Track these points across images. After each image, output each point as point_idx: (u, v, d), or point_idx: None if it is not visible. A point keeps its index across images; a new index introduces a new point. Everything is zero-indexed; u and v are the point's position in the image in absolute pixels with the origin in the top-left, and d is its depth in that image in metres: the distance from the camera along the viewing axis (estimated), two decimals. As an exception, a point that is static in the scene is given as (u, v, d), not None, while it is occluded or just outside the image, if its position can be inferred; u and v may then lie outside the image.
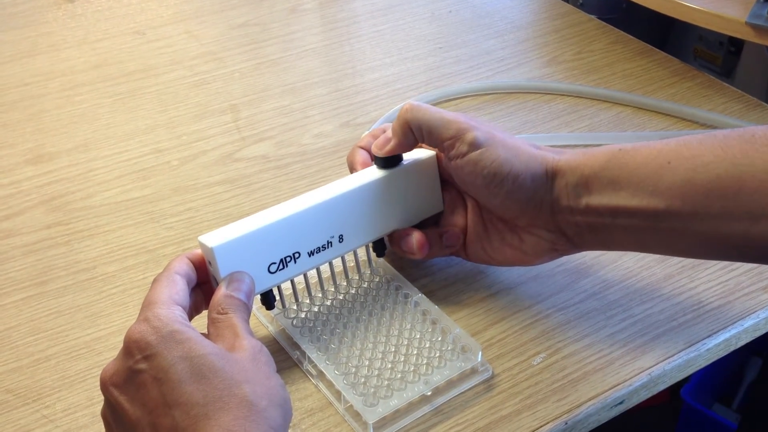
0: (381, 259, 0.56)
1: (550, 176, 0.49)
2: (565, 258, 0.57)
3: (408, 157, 0.53)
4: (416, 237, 0.52)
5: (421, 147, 0.55)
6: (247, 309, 0.45)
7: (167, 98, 0.78)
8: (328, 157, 0.69)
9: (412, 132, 0.51)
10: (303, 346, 0.50)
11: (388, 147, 0.52)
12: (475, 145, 0.49)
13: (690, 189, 0.44)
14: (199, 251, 0.48)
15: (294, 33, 0.89)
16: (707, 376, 1.20)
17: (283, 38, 0.88)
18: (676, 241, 0.46)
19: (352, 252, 0.53)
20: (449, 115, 0.50)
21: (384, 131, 0.53)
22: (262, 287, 0.48)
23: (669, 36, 1.45)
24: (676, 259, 0.57)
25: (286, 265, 0.49)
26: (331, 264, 0.53)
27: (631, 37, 0.86)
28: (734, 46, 1.36)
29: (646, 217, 0.46)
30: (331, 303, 0.53)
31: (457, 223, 0.54)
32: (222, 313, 0.43)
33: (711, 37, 1.39)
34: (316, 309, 0.52)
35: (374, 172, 0.52)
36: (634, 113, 0.73)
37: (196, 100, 0.78)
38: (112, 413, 0.41)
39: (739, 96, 0.75)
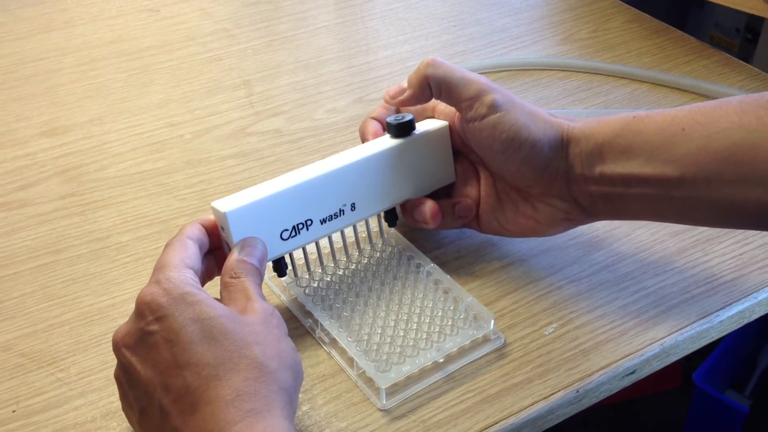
0: (393, 231, 0.56)
1: (564, 144, 0.48)
2: (577, 231, 0.57)
3: (420, 127, 0.53)
4: (429, 206, 0.52)
5: (432, 117, 0.55)
6: (260, 274, 0.45)
7: (181, 74, 0.78)
8: (340, 132, 0.69)
9: (430, 87, 0.50)
10: (315, 314, 0.50)
11: (403, 97, 0.51)
12: (494, 108, 0.48)
13: (704, 156, 0.44)
14: (211, 217, 0.48)
15: (307, 11, 0.89)
16: (720, 362, 1.20)
17: (296, 16, 0.88)
18: (690, 209, 0.46)
19: (364, 222, 0.53)
20: (470, 75, 0.49)
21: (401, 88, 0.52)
22: (274, 254, 0.48)
23: (685, 23, 1.44)
24: (689, 233, 0.56)
25: (299, 233, 0.49)
26: (343, 234, 0.53)
27: (647, 15, 0.85)
28: (751, 33, 1.35)
29: (660, 185, 0.46)
30: (343, 272, 0.53)
31: (469, 194, 0.54)
32: (234, 278, 0.43)
33: (727, 24, 1.38)
34: (328, 278, 0.53)
35: (387, 141, 0.52)
36: (650, 90, 0.72)
37: (209, 75, 0.78)
38: (124, 374, 0.41)
39: (756, 74, 0.74)
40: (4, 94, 0.75)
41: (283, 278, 0.52)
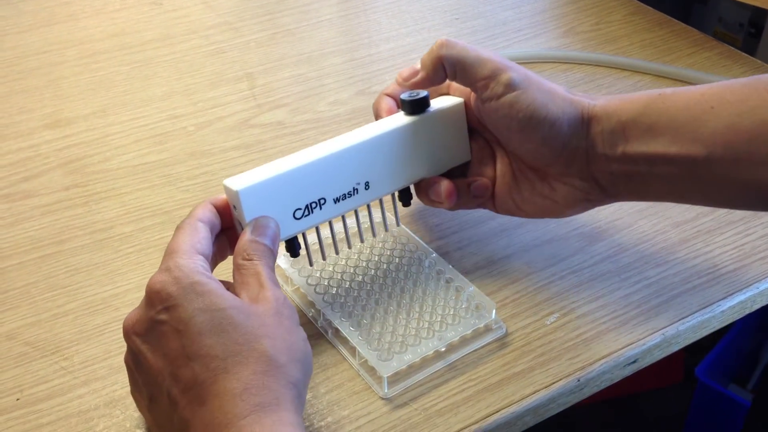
0: (400, 206, 0.55)
1: (585, 122, 0.47)
2: (579, 222, 0.57)
3: (435, 104, 0.52)
4: (444, 185, 0.51)
5: (447, 94, 0.54)
6: (273, 255, 0.44)
7: (184, 66, 0.78)
8: (343, 124, 0.69)
9: (444, 68, 0.49)
10: (318, 304, 0.50)
11: (416, 79, 0.50)
12: (511, 87, 0.47)
13: (733, 135, 0.43)
14: (223, 196, 0.46)
15: (310, 4, 0.89)
16: (723, 357, 1.20)
17: (299, 9, 0.88)
18: (715, 189, 0.45)
19: (368, 213, 0.53)
20: (485, 54, 0.48)
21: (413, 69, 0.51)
22: (287, 233, 0.47)
23: (688, 18, 1.44)
24: (691, 224, 0.56)
25: (312, 211, 0.48)
26: (358, 220, 0.52)
27: (650, 8, 0.85)
28: (754, 27, 1.34)
29: (685, 165, 0.44)
30: (346, 263, 0.53)
31: (485, 173, 0.52)
32: (247, 259, 0.43)
33: (731, 19, 1.38)
34: (330, 269, 0.53)
35: (401, 119, 0.51)
36: (653, 82, 0.72)
37: (212, 68, 0.78)
38: (134, 360, 0.41)
39: (759, 66, 0.74)
40: (8, 87, 0.76)
41: (285, 269, 0.53)
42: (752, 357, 1.29)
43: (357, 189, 0.49)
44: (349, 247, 0.53)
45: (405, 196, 0.53)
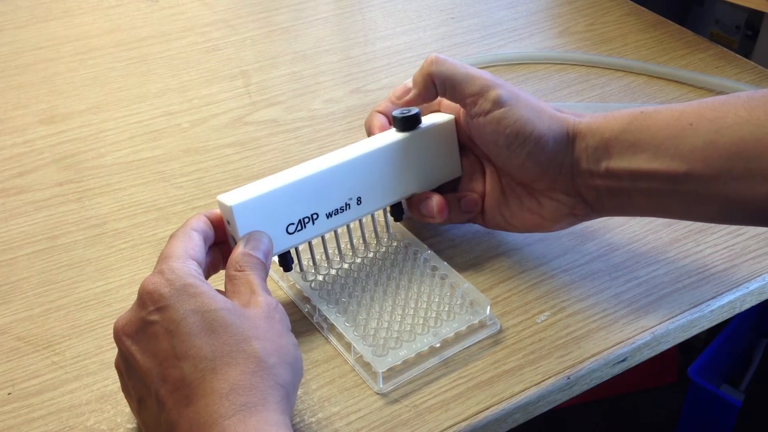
0: (391, 219, 0.56)
1: (570, 139, 0.48)
2: (572, 221, 0.57)
3: (426, 120, 0.53)
4: (436, 200, 0.52)
5: (438, 111, 0.55)
6: (265, 268, 0.45)
7: (179, 63, 0.78)
8: (337, 122, 0.69)
9: (434, 85, 0.50)
10: (313, 300, 0.50)
11: (408, 97, 0.51)
12: (498, 104, 0.48)
13: (712, 151, 0.43)
14: (217, 211, 0.47)
15: (305, 2, 0.89)
16: (716, 357, 1.20)
17: (294, 7, 0.88)
18: (696, 205, 0.46)
19: (370, 216, 0.53)
20: (474, 71, 0.49)
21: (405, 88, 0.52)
22: (280, 248, 0.48)
23: (685, 20, 1.44)
24: (682, 224, 0.57)
25: (305, 226, 0.49)
26: (350, 233, 0.53)
27: (645, 9, 0.85)
28: (751, 29, 1.35)
29: (667, 181, 0.45)
30: (340, 259, 0.53)
31: (475, 188, 0.54)
32: (239, 271, 0.43)
33: (727, 21, 1.38)
34: (326, 264, 0.53)
35: (393, 135, 0.52)
36: (646, 82, 0.73)
37: (207, 65, 0.78)
38: (124, 362, 0.41)
39: (752, 67, 0.75)
40: (3, 82, 0.76)
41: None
42: (745, 358, 1.29)
43: (349, 204, 0.50)
44: (333, 250, 0.53)
45: (396, 211, 0.54)
